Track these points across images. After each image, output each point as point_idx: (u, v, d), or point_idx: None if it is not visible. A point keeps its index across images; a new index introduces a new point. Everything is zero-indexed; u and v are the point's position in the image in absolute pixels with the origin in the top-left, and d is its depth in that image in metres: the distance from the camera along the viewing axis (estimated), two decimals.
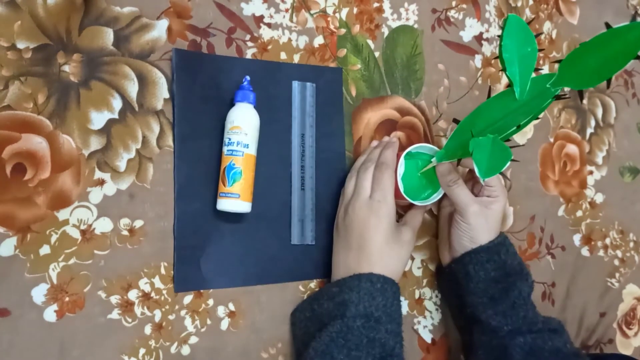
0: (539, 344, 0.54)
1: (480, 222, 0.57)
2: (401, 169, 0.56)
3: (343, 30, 0.66)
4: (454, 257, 0.60)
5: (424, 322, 0.67)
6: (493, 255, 0.57)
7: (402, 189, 0.56)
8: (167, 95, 0.56)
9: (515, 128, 0.46)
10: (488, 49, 0.76)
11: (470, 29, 0.75)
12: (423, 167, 0.59)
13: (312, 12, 0.64)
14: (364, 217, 0.55)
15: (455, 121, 0.53)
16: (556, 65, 0.81)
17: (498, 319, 0.55)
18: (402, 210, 0.65)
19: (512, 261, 0.57)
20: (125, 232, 0.53)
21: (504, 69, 0.48)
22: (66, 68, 0.52)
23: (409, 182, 0.57)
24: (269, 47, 0.61)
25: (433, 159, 0.56)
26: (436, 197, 0.59)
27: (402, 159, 0.56)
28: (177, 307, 0.54)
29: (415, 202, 0.57)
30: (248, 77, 0.57)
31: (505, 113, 0.47)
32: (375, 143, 0.64)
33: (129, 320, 0.52)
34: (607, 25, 0.41)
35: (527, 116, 0.45)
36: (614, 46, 0.40)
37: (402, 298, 0.65)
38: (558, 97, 0.44)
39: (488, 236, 0.57)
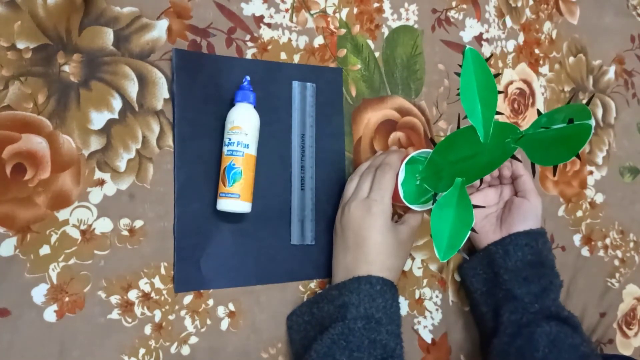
0: (562, 337, 0.56)
1: (515, 212, 0.62)
2: (402, 175, 0.56)
3: (343, 31, 0.66)
4: (493, 241, 0.63)
5: (424, 322, 0.67)
6: (531, 240, 0.60)
7: (401, 194, 0.56)
8: (167, 95, 0.56)
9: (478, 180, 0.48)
10: (488, 49, 0.76)
11: (471, 29, 0.75)
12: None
13: (312, 12, 0.64)
14: (359, 216, 0.54)
15: (432, 142, 0.54)
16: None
17: (530, 297, 0.58)
18: (403, 212, 0.65)
19: (547, 253, 0.61)
20: (125, 232, 0.53)
21: (464, 105, 0.47)
22: (66, 68, 0.52)
23: (408, 187, 0.58)
24: (269, 47, 0.61)
25: (417, 177, 0.57)
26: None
27: (403, 165, 0.56)
28: (177, 307, 0.54)
29: (413, 207, 0.57)
30: (248, 77, 0.57)
31: (472, 152, 0.47)
32: (380, 152, 0.64)
33: (129, 320, 0.52)
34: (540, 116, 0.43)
35: (489, 164, 0.46)
36: (562, 140, 0.40)
37: (402, 298, 0.65)
38: (514, 157, 0.46)
39: (525, 225, 0.61)
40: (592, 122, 0.39)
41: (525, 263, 0.59)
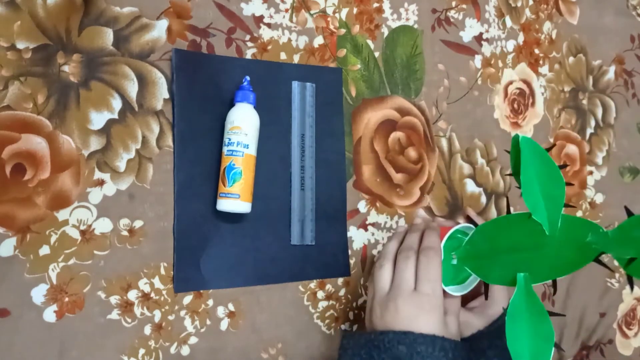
0: None
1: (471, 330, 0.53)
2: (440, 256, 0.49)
3: (343, 31, 0.66)
4: None
5: None
6: (494, 340, 0.51)
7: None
8: (167, 95, 0.56)
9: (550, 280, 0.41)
10: (488, 49, 0.76)
11: (470, 29, 0.75)
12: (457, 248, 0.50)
13: (312, 12, 0.64)
14: (410, 315, 0.46)
15: (472, 222, 0.48)
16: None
17: None
18: None
19: None
20: (125, 233, 0.53)
21: (526, 202, 0.40)
22: (66, 68, 0.52)
23: (444, 266, 0.49)
24: (269, 47, 0.61)
25: (453, 255, 0.49)
26: (473, 281, 0.50)
27: (441, 245, 0.49)
28: (176, 307, 0.54)
29: (451, 291, 0.49)
30: (248, 77, 0.57)
31: (533, 242, 0.41)
32: (405, 227, 0.56)
33: (129, 320, 0.52)
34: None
35: (566, 266, 0.40)
36: None
37: None
38: (599, 262, 0.39)
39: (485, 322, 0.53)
40: None
41: None
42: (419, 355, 0.43)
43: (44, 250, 0.49)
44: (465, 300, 0.55)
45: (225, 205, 0.54)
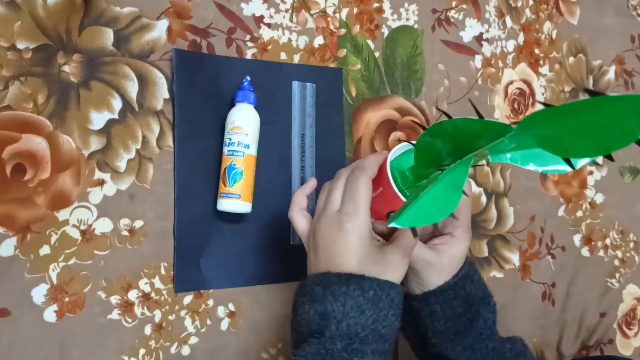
0: None
1: (432, 272, 0.49)
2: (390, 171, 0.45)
3: (343, 31, 0.66)
4: (414, 294, 0.51)
5: None
6: (459, 290, 0.50)
7: (395, 188, 0.45)
8: (167, 95, 0.56)
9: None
10: (488, 50, 0.76)
11: (471, 30, 0.75)
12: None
13: (312, 12, 0.64)
14: (329, 236, 0.44)
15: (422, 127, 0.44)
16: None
17: (467, 354, 0.50)
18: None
19: (476, 291, 0.51)
20: (125, 233, 0.53)
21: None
22: (66, 68, 0.52)
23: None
24: (269, 47, 0.61)
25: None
26: None
27: (388, 166, 0.45)
28: (177, 307, 0.54)
29: None
30: (248, 78, 0.57)
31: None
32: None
33: (129, 320, 0.52)
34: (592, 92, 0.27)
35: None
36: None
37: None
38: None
39: (446, 277, 0.50)
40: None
41: (456, 317, 0.50)
42: (332, 293, 0.41)
43: (44, 250, 0.50)
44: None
45: (225, 205, 0.54)
